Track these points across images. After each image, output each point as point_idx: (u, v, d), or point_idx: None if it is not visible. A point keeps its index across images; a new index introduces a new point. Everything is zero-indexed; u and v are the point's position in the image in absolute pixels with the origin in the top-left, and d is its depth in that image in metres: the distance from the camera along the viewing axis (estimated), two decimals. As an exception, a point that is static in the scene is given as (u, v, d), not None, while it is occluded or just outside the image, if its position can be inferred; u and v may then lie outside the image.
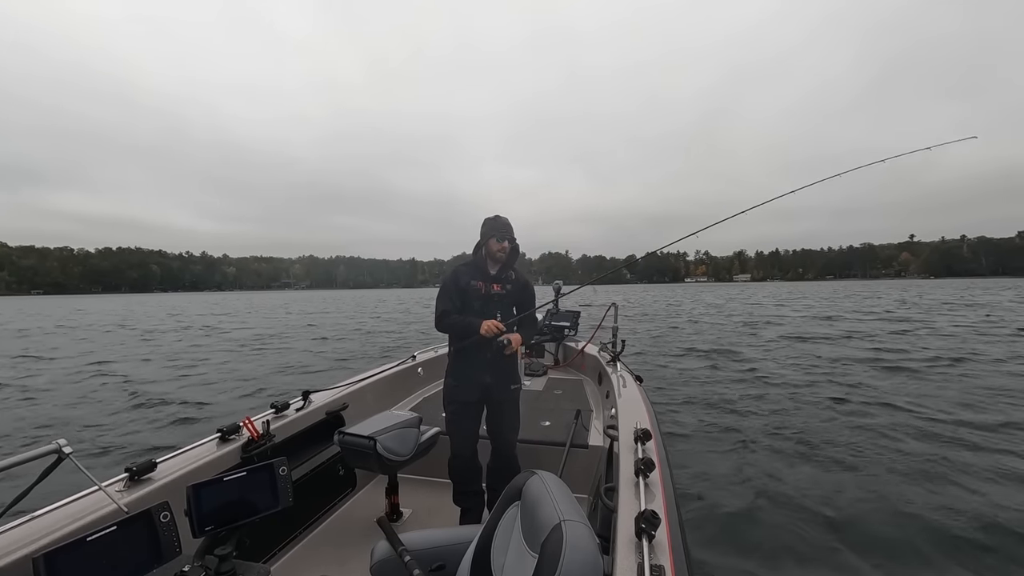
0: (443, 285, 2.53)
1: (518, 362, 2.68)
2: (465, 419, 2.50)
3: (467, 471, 2.54)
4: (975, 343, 11.75)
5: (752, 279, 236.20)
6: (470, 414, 2.52)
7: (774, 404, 6.48)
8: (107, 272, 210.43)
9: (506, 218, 2.54)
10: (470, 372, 2.48)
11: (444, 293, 2.50)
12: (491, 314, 2.48)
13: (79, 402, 7.43)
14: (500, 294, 2.54)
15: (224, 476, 1.46)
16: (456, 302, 2.49)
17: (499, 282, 2.55)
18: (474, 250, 2.58)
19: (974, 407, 6.14)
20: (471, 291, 2.48)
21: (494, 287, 2.53)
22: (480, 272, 2.53)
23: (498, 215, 2.54)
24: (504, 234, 2.48)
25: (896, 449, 4.70)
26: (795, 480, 4.05)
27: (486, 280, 2.52)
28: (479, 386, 2.49)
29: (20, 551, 1.39)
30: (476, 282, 2.50)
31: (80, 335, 19.22)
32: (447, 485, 2.62)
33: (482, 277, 2.52)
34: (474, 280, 2.50)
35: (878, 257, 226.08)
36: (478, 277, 2.51)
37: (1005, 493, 3.70)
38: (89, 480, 1.62)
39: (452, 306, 2.48)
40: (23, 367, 11.08)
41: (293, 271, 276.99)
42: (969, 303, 27.78)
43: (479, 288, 2.49)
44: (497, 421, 2.58)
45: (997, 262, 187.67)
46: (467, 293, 2.48)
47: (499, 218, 2.52)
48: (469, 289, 2.48)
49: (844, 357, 10.12)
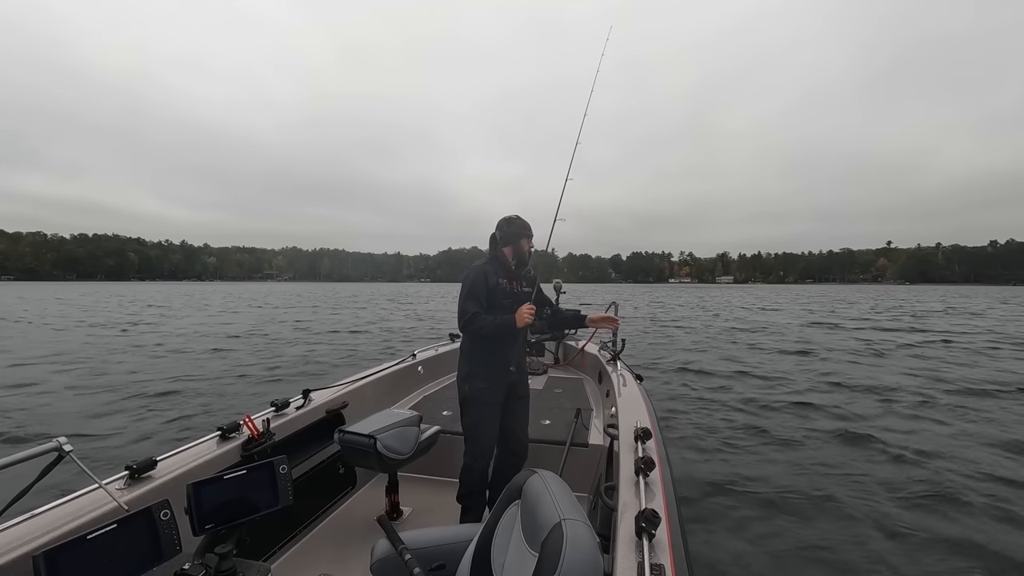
0: (470, 286, 2.46)
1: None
2: (491, 421, 2.50)
3: (485, 475, 2.53)
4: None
5: (735, 281, 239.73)
6: (496, 415, 2.52)
7: (774, 404, 6.58)
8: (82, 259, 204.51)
9: (523, 219, 2.64)
10: (499, 371, 2.49)
11: (471, 295, 2.44)
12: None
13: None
14: (526, 291, 2.62)
15: (224, 474, 1.46)
16: (483, 303, 2.46)
17: (520, 279, 2.62)
18: (491, 248, 2.59)
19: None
20: (499, 290, 2.50)
21: (518, 285, 2.59)
22: (506, 270, 2.57)
23: (519, 215, 2.61)
24: (531, 232, 2.58)
25: (899, 450, 4.74)
26: (796, 479, 4.12)
27: (511, 278, 2.57)
28: (507, 385, 2.53)
29: (20, 549, 1.37)
30: (503, 280, 2.53)
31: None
32: (447, 483, 2.62)
33: (507, 275, 2.56)
34: (501, 279, 2.52)
35: (857, 262, 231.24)
36: (504, 275, 2.55)
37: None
38: (89, 478, 1.60)
39: (480, 307, 2.45)
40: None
41: (276, 262, 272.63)
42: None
43: (506, 286, 2.53)
44: (513, 420, 2.60)
45: (970, 269, 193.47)
46: (495, 292, 2.48)
47: (521, 218, 2.60)
48: (497, 288, 2.49)
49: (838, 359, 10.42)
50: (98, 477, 1.65)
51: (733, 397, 7.01)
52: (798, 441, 5.07)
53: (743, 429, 5.49)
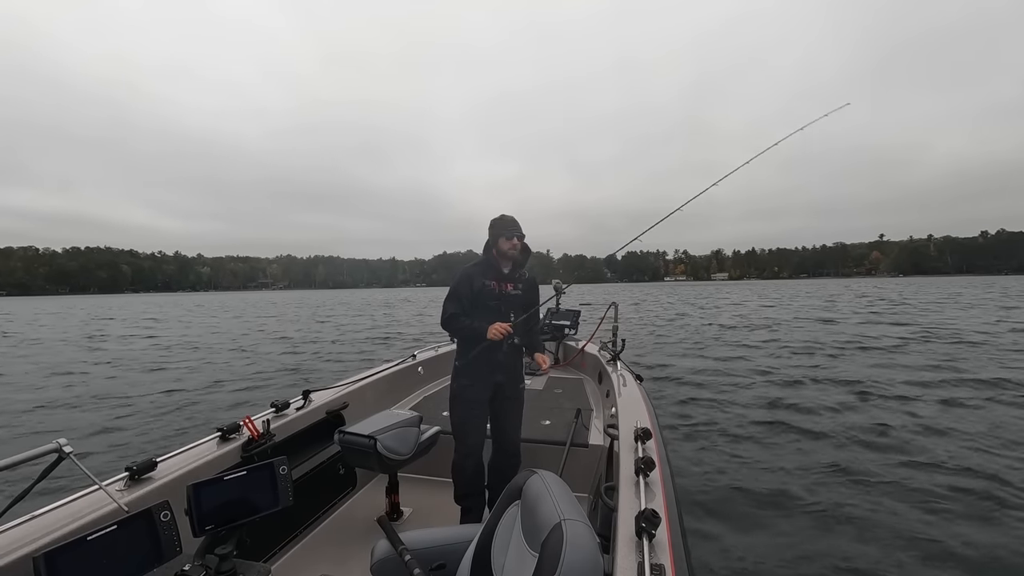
0: (454, 287, 2.53)
1: (522, 361, 2.73)
2: (477, 418, 2.53)
3: (477, 474, 2.55)
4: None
5: (729, 278, 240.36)
6: (482, 413, 2.55)
7: (775, 404, 6.57)
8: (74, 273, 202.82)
9: (512, 216, 2.56)
10: (484, 371, 2.50)
11: (453, 295, 2.51)
12: (505, 314, 2.50)
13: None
14: (515, 294, 2.57)
15: (224, 475, 1.46)
16: (465, 304, 2.49)
17: (512, 281, 2.58)
18: (484, 250, 2.60)
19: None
20: (485, 291, 2.50)
21: (507, 286, 2.55)
22: (494, 271, 2.55)
23: (504, 214, 2.56)
24: (512, 231, 2.49)
25: (902, 450, 4.71)
26: (796, 479, 4.12)
27: (500, 279, 2.54)
28: (492, 385, 2.53)
29: (21, 550, 1.37)
30: (490, 282, 2.52)
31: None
32: (447, 484, 2.62)
33: (496, 276, 2.54)
34: (488, 280, 2.52)
35: (850, 256, 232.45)
36: (491, 276, 2.54)
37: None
38: (90, 479, 1.60)
39: (460, 308, 2.48)
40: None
41: (270, 271, 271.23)
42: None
43: (493, 288, 2.51)
44: (504, 420, 2.61)
45: (962, 260, 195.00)
46: (481, 294, 2.48)
47: (505, 217, 2.54)
48: (484, 290, 2.49)
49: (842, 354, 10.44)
50: (98, 478, 1.65)
51: (733, 397, 7.02)
52: (799, 441, 5.05)
53: (744, 429, 5.49)
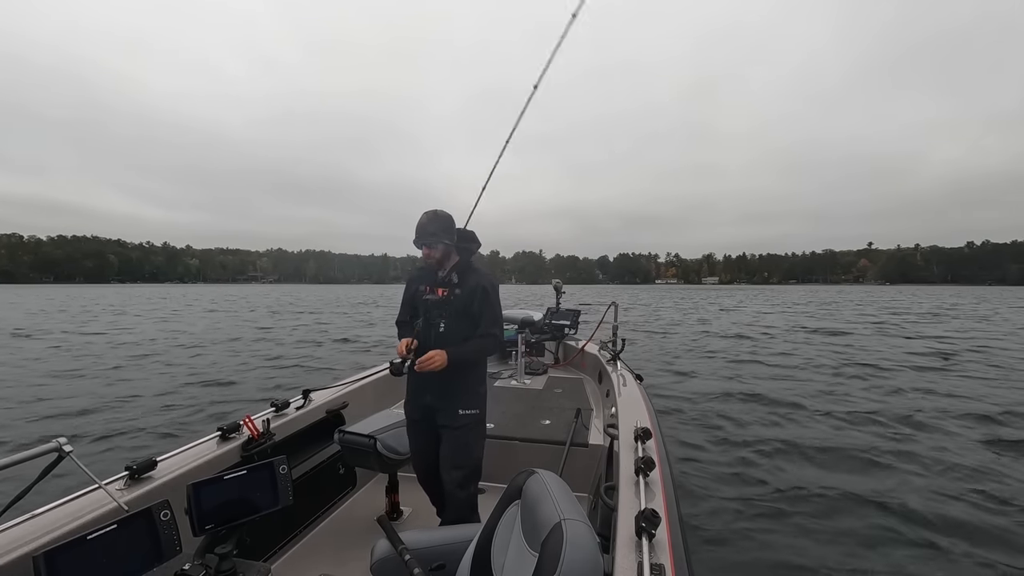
0: (403, 293, 2.42)
1: (476, 384, 2.29)
2: (413, 438, 2.36)
3: (432, 494, 2.40)
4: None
5: (720, 282, 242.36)
6: (417, 433, 2.34)
7: (774, 403, 6.64)
8: (59, 261, 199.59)
9: (428, 215, 2.18)
10: (411, 388, 2.32)
11: (402, 301, 2.42)
12: (435, 322, 2.23)
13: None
14: (441, 300, 2.25)
15: (224, 475, 1.46)
16: (408, 310, 2.38)
17: (446, 286, 2.27)
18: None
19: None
20: (417, 297, 2.32)
21: (439, 292, 2.27)
22: (430, 276, 2.32)
23: (424, 212, 2.19)
24: (420, 240, 2.17)
25: (903, 453, 4.72)
26: (796, 479, 4.15)
27: (431, 284, 2.30)
28: (420, 407, 2.29)
29: (20, 550, 1.36)
30: (423, 287, 2.31)
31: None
32: None
33: (429, 281, 2.31)
34: (422, 285, 2.32)
35: (839, 263, 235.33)
36: (426, 282, 2.32)
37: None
38: (89, 478, 1.59)
39: (405, 315, 2.39)
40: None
41: (260, 264, 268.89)
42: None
43: (423, 292, 2.30)
44: (442, 451, 2.24)
45: (947, 270, 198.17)
46: (414, 299, 2.34)
47: (420, 219, 2.18)
48: (416, 295, 2.33)
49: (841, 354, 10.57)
50: (98, 477, 1.64)
51: (733, 397, 7.07)
52: (799, 441, 5.08)
53: (744, 429, 5.52)
